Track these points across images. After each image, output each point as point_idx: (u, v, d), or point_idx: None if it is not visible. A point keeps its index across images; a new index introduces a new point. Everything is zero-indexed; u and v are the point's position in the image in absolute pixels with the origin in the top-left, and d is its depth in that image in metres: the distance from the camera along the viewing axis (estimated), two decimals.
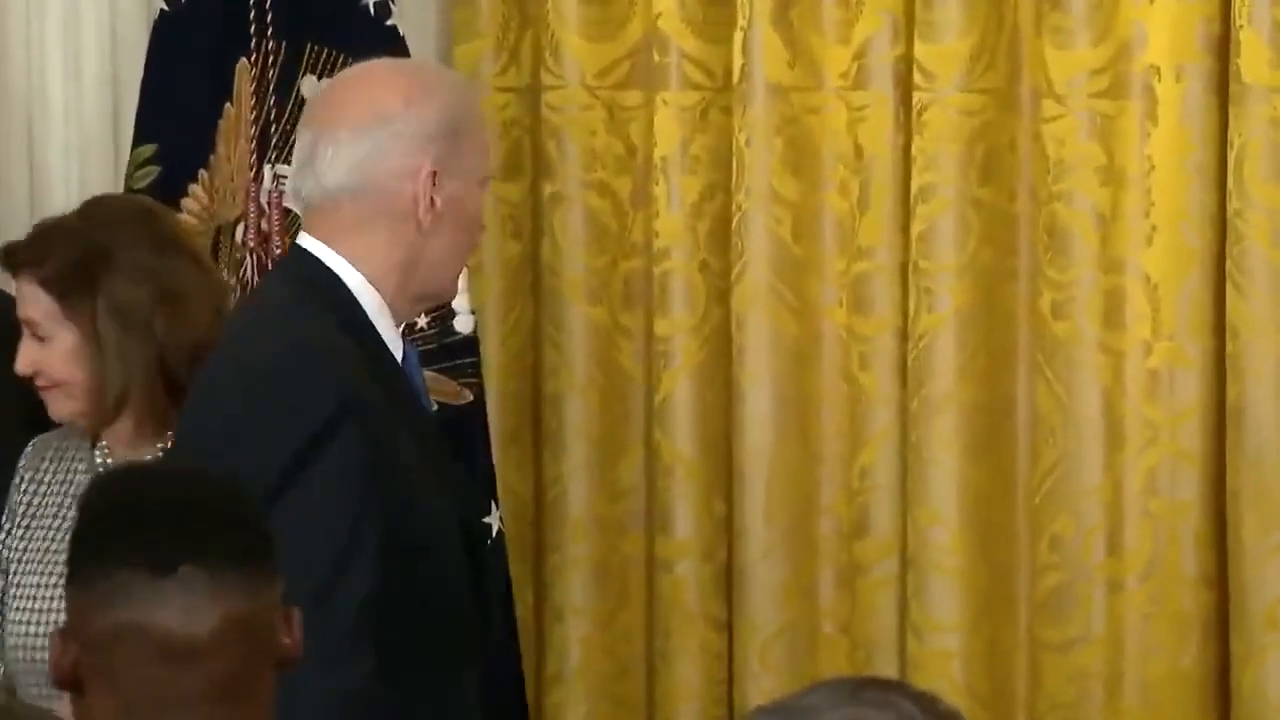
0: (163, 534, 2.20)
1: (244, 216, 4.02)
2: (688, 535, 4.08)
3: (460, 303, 3.90)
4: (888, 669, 3.91)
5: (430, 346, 3.93)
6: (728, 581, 4.09)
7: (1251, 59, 3.79)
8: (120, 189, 4.08)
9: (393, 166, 2.96)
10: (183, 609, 2.17)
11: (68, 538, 2.29)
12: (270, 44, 4.00)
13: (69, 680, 2.19)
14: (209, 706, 2.19)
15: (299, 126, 3.09)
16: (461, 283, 3.43)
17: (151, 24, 4.09)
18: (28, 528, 3.41)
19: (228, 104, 4.04)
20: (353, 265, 2.95)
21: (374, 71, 3.17)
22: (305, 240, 2.99)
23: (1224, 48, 3.84)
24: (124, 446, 3.36)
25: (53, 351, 3.34)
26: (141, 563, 2.17)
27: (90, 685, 2.19)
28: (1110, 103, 3.89)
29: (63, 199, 4.21)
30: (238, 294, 3.96)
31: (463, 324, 4.00)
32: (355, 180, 2.95)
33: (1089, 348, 3.91)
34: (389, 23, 4.00)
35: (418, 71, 3.29)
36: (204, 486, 2.31)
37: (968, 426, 3.97)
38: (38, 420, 3.45)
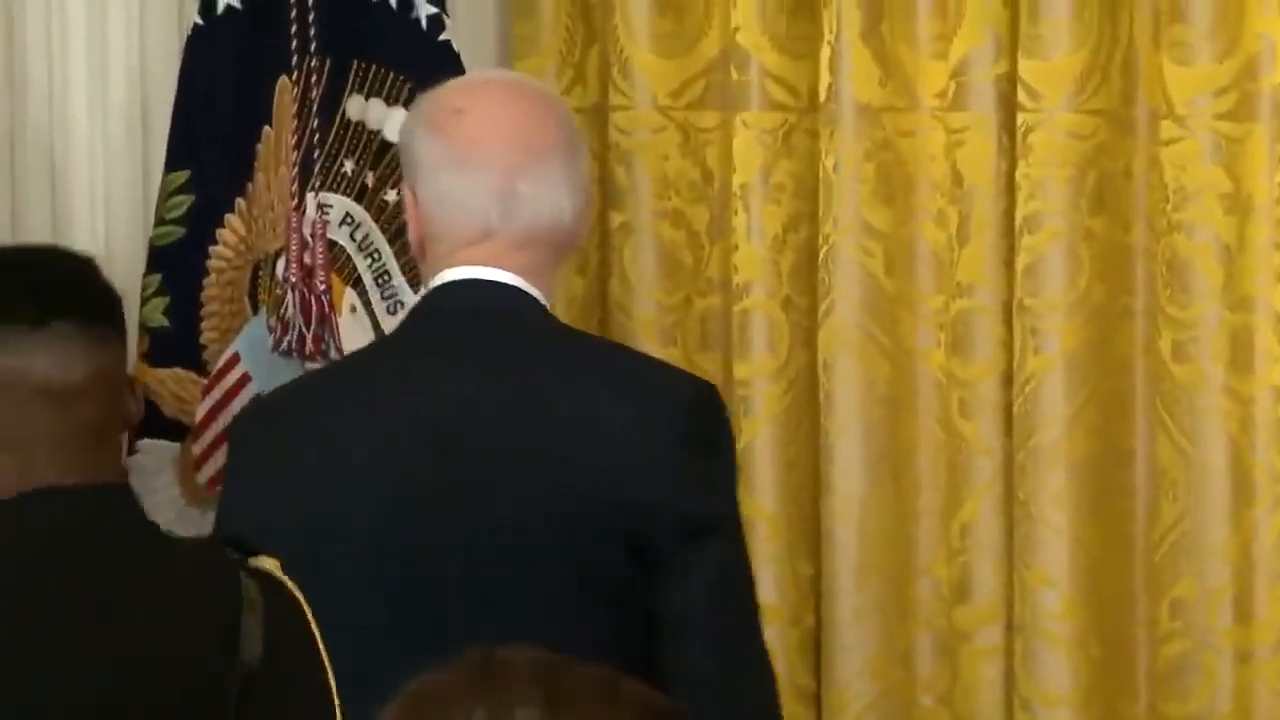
0: (34, 293, 2.64)
1: (285, 249, 3.89)
2: (771, 598, 3.87)
3: None
4: None
5: None
6: (815, 649, 3.99)
7: None
8: (150, 220, 4.04)
9: None
10: (58, 356, 2.59)
11: None
12: (313, 61, 3.90)
13: None
14: (80, 445, 2.60)
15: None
16: None
17: (184, 39, 4.01)
18: None
19: (266, 126, 3.94)
20: None
21: None
22: None
23: None
24: None
25: None
26: (17, 319, 2.58)
27: None
28: (1236, 125, 3.79)
29: (87, 231, 4.27)
30: (277, 334, 3.90)
31: None
32: None
33: (1214, 393, 3.82)
34: (442, 37, 3.91)
35: None
36: (61, 256, 2.86)
37: (1080, 480, 3.86)
38: None
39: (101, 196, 4.23)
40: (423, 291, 3.11)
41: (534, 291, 3.04)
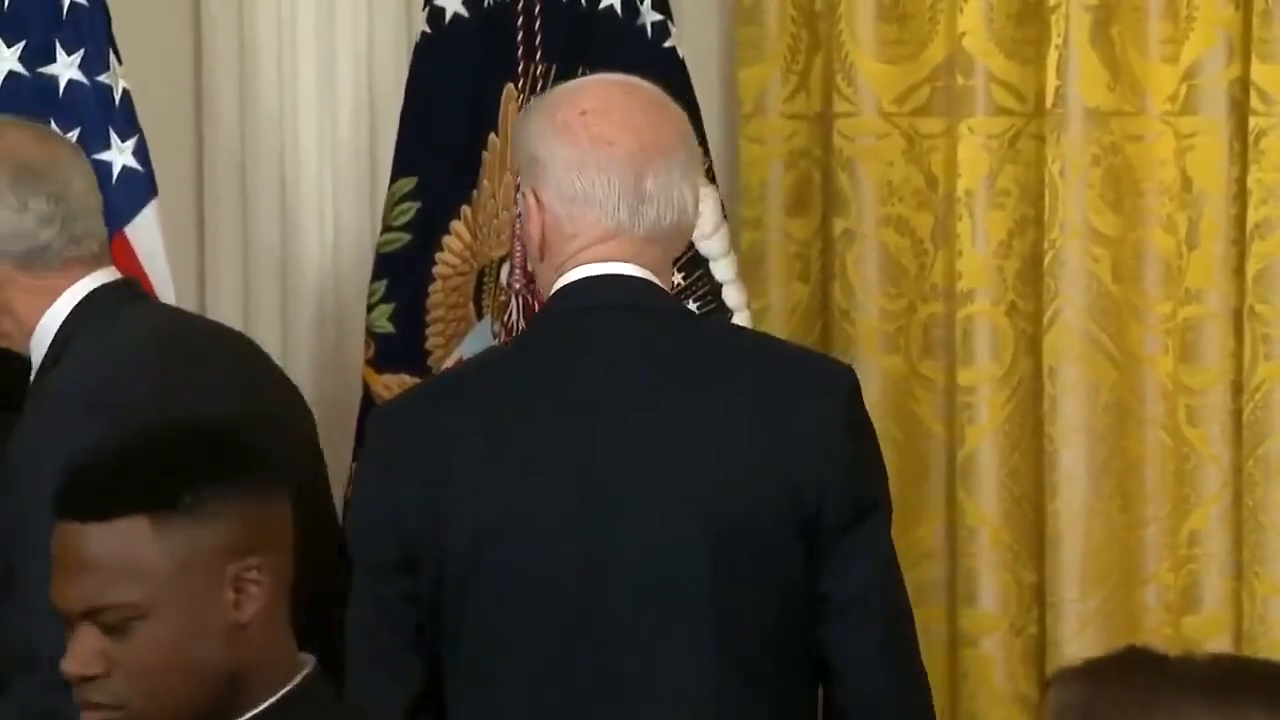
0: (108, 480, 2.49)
1: (509, 256, 3.87)
2: (994, 607, 3.91)
3: None
4: None
5: None
6: (1039, 658, 3.94)
7: None
8: (376, 227, 4.08)
9: None
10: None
11: None
12: (539, 68, 3.89)
13: None
14: None
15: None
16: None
17: (411, 48, 4.02)
18: None
19: (492, 134, 3.93)
20: None
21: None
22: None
23: None
24: None
25: None
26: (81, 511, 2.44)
27: None
28: None
29: (316, 240, 4.32)
30: (501, 339, 3.92)
31: None
32: None
33: None
34: (667, 44, 3.91)
35: None
36: (188, 432, 2.63)
37: None
38: None
39: (330, 205, 4.27)
40: (555, 288, 3.07)
41: (663, 285, 3.06)
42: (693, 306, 3.79)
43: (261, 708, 2.45)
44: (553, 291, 3.08)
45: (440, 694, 3.06)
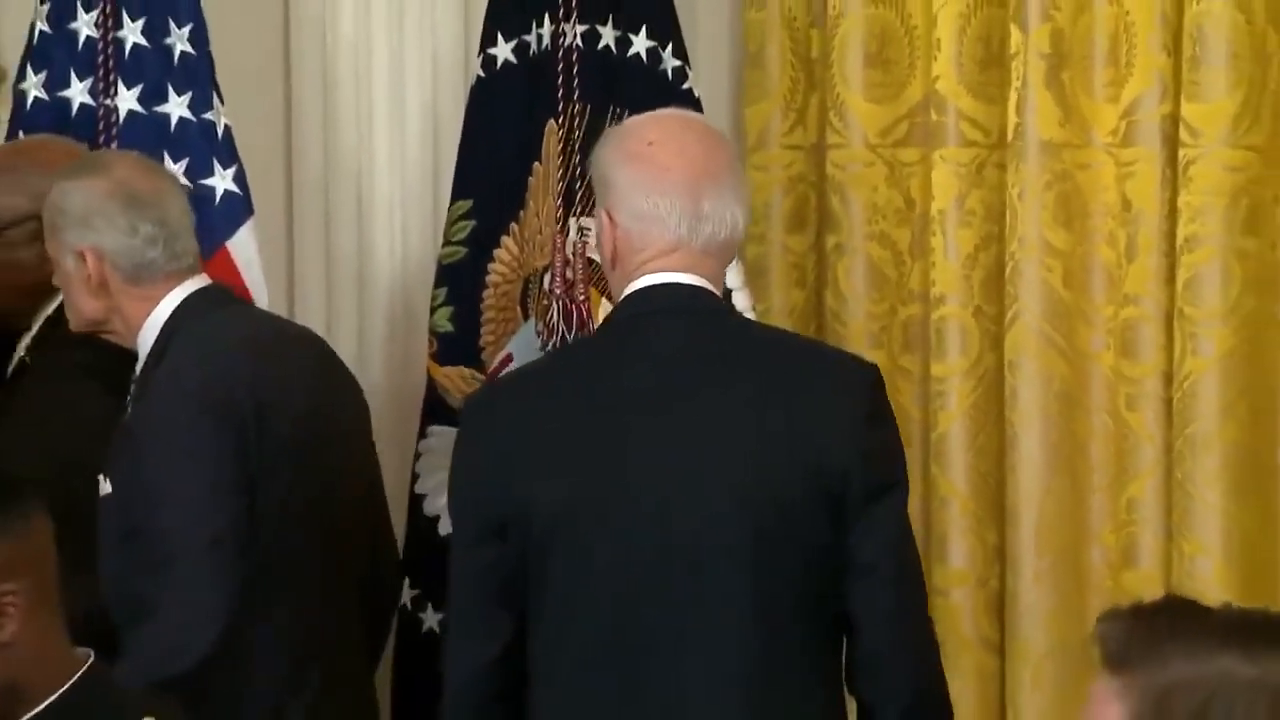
0: None
1: (551, 265, 3.94)
2: (962, 564, 3.93)
3: None
4: None
5: None
6: (999, 607, 3.96)
7: None
8: (439, 239, 4.08)
9: None
10: None
11: None
12: (576, 107, 3.94)
13: None
14: None
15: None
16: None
17: (469, 90, 4.04)
18: None
19: (536, 163, 3.97)
20: None
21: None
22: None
23: None
24: None
25: None
26: None
27: None
28: None
29: (387, 252, 4.35)
30: (544, 337, 3.95)
31: None
32: None
33: None
34: (685, 86, 3.93)
35: None
36: None
37: (1231, 463, 3.76)
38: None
39: (399, 223, 4.30)
40: (624, 294, 3.07)
41: (716, 291, 3.05)
42: None
43: (40, 708, 2.38)
44: (623, 296, 3.09)
45: (525, 645, 3.05)
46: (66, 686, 2.38)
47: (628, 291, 3.05)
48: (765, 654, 2.95)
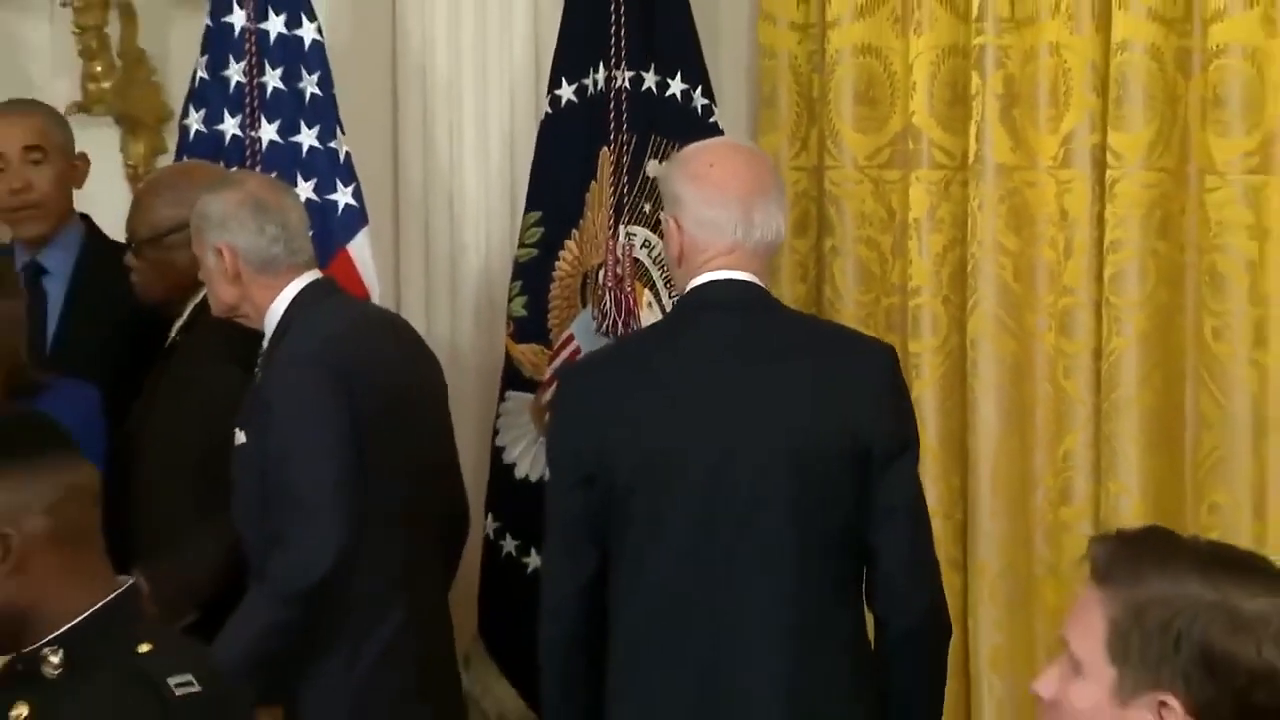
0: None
1: (604, 264, 4.01)
2: (933, 502, 3.80)
3: None
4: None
5: None
6: (963, 535, 4.01)
7: None
8: (515, 243, 4.14)
9: None
10: None
11: None
12: (624, 137, 4.01)
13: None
14: None
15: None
16: None
17: (538, 123, 4.13)
18: None
19: (593, 181, 4.05)
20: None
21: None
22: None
23: None
24: None
25: None
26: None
27: None
28: (1259, 177, 3.76)
29: (474, 253, 4.38)
30: (598, 320, 4.00)
31: None
32: None
33: (1241, 363, 3.78)
34: (711, 120, 4.01)
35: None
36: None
37: (1147, 423, 3.84)
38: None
39: (483, 230, 4.36)
40: (690, 286, 3.08)
41: (763, 284, 3.07)
42: None
43: (48, 638, 2.23)
44: (688, 289, 3.07)
45: (607, 574, 3.04)
46: (79, 619, 2.24)
47: (693, 284, 3.06)
48: (806, 576, 2.96)
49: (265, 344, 3.46)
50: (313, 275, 3.47)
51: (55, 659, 2.22)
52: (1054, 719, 1.96)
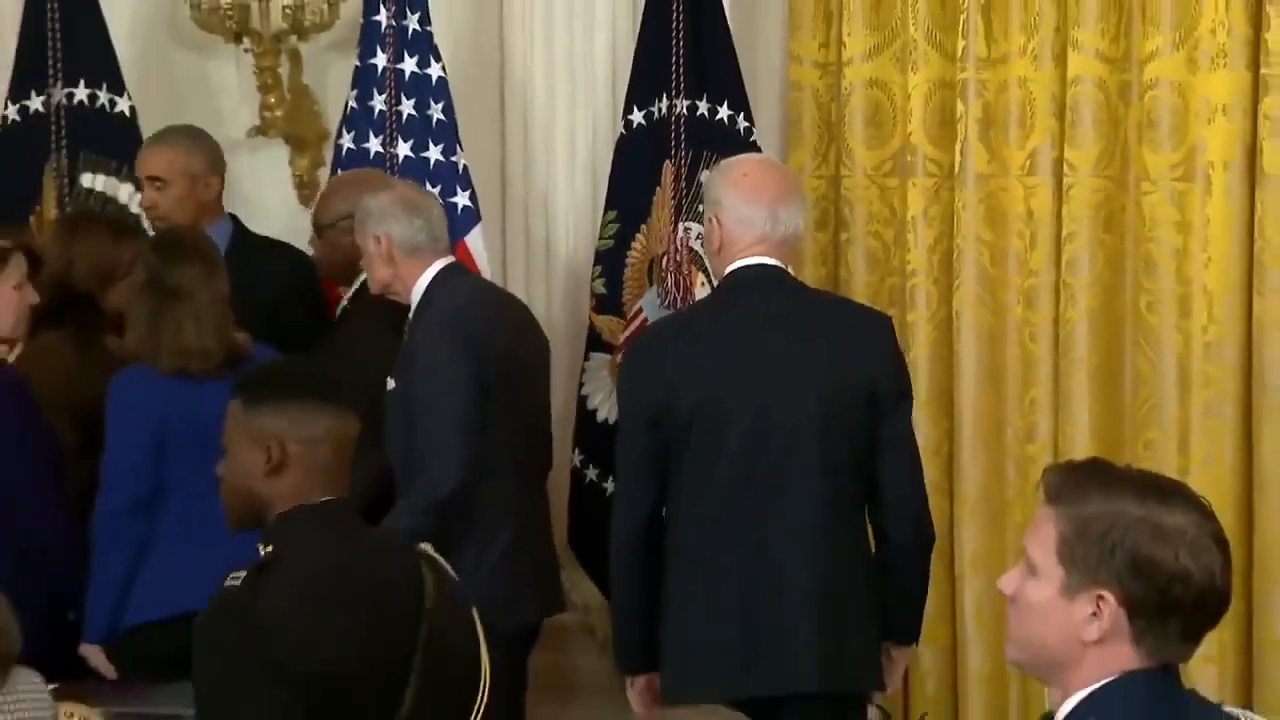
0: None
1: (667, 252, 4.10)
2: (924, 441, 3.88)
3: None
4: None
5: None
6: (950, 466, 4.09)
7: (1271, 158, 3.78)
8: (596, 235, 4.23)
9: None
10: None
11: None
12: (683, 152, 4.11)
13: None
14: None
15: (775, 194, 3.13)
16: None
17: (615, 141, 4.24)
18: None
19: (658, 187, 4.15)
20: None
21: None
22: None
23: (1253, 151, 3.81)
24: None
25: None
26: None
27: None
28: (1183, 184, 3.84)
29: (564, 242, 4.45)
30: (663, 297, 4.06)
31: None
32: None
33: (1169, 331, 3.86)
34: (751, 139, 4.12)
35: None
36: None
37: (1095, 378, 3.92)
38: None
39: (572, 226, 4.45)
40: (728, 270, 3.11)
41: (788, 269, 3.15)
42: None
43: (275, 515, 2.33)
44: (726, 273, 3.09)
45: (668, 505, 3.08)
46: (294, 508, 2.33)
47: (730, 269, 3.09)
48: (829, 495, 3.04)
49: (411, 314, 3.51)
50: (448, 260, 3.55)
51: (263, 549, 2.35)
52: (1015, 610, 1.95)
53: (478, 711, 2.35)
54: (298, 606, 2.21)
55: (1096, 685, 1.89)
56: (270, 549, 2.32)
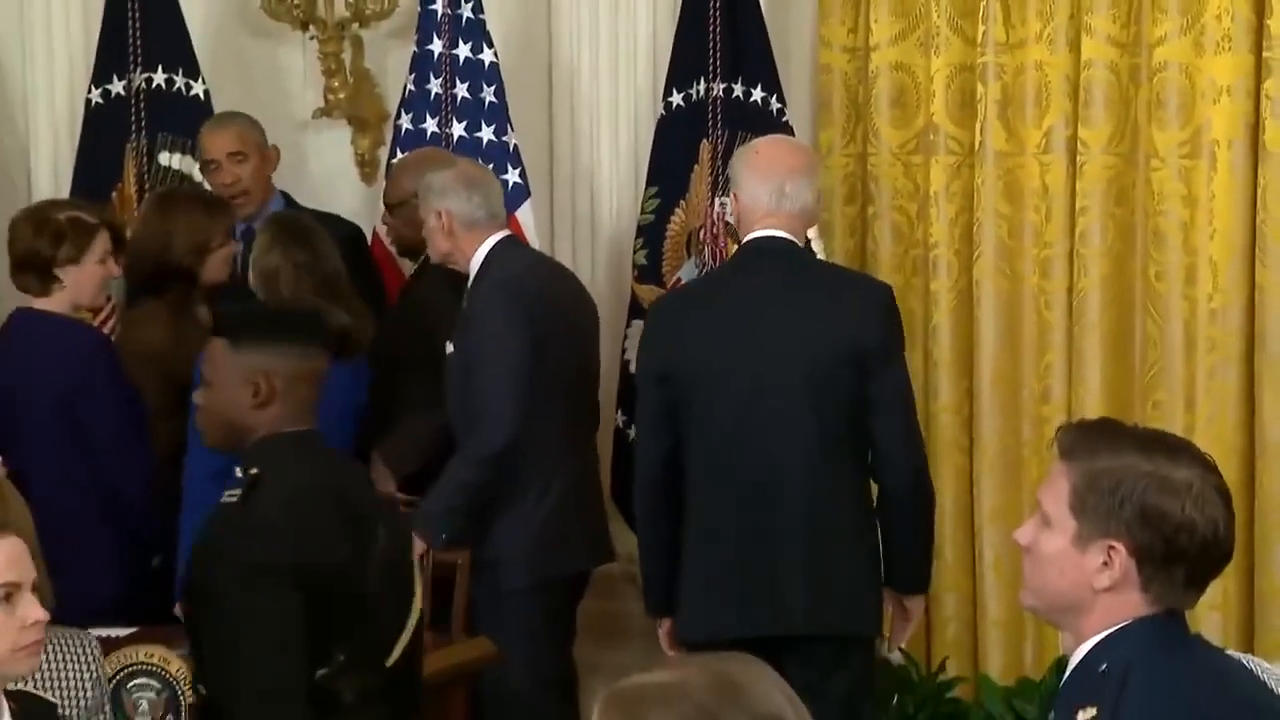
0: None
1: (704, 226, 4.20)
2: (946, 400, 4.17)
3: None
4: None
5: None
6: (970, 425, 4.17)
7: (1273, 136, 3.83)
8: (638, 209, 4.32)
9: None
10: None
11: None
12: (720, 132, 4.20)
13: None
14: None
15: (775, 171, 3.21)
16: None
17: (655, 122, 4.34)
18: None
19: (696, 165, 4.25)
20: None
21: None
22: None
23: (1256, 130, 3.86)
24: None
25: None
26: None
27: None
28: (1190, 161, 3.89)
29: (608, 216, 4.53)
30: (700, 267, 4.12)
31: None
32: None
33: (1176, 298, 3.92)
34: (784, 120, 4.21)
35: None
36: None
37: (1106, 342, 3.99)
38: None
39: (615, 201, 4.52)
40: (744, 240, 3.23)
41: (798, 242, 3.25)
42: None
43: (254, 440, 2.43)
44: (742, 243, 3.21)
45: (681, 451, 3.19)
46: (267, 435, 2.42)
47: (746, 240, 3.24)
48: (818, 442, 3.12)
49: (470, 282, 3.63)
50: (504, 232, 3.67)
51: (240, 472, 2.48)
52: (1031, 560, 1.96)
53: (414, 616, 2.51)
54: (286, 514, 2.37)
55: (1109, 630, 1.91)
56: (255, 471, 2.45)
